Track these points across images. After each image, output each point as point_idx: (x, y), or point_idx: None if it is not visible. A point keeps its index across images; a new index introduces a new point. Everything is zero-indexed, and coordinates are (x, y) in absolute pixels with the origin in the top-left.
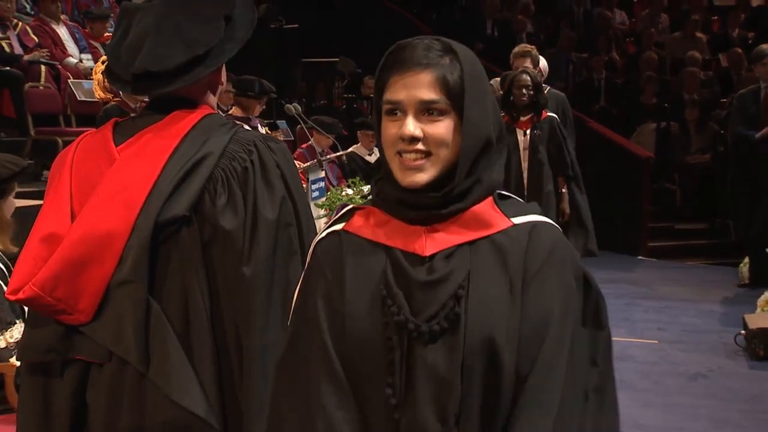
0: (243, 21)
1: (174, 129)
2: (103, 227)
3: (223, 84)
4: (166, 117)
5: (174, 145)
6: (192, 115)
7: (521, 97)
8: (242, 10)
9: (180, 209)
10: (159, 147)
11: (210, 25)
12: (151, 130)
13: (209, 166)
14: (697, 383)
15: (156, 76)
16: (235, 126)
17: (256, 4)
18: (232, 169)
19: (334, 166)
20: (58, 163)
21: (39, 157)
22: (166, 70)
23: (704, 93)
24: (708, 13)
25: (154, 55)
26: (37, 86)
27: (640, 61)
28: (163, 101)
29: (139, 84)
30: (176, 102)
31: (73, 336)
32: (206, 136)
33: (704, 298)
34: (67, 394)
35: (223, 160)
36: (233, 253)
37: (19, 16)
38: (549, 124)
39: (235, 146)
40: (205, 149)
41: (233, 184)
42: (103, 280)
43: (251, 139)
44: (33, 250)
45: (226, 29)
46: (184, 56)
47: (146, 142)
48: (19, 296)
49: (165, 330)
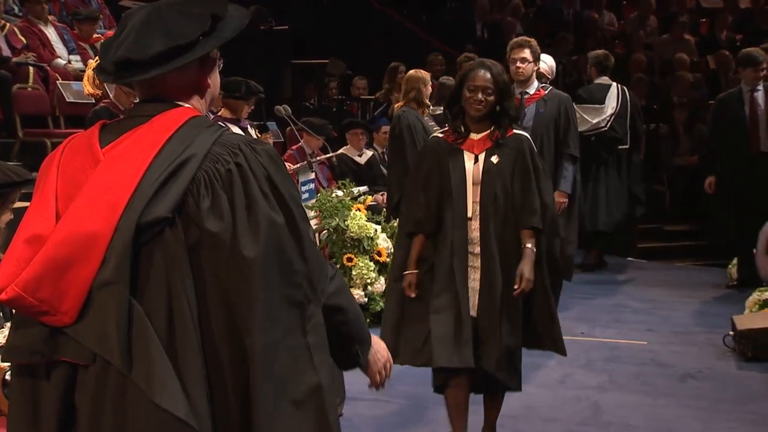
0: (232, 23)
1: (159, 131)
2: (86, 228)
3: (210, 87)
4: (152, 119)
5: (158, 147)
6: (178, 117)
7: (474, 105)
8: (235, 14)
9: (162, 211)
10: (143, 148)
11: (195, 21)
12: (136, 132)
13: (193, 168)
14: (686, 384)
15: (135, 65)
16: (220, 128)
17: (245, 5)
18: (216, 171)
19: (324, 167)
20: (46, 165)
21: (27, 159)
22: (144, 58)
23: (692, 95)
24: (696, 15)
25: (135, 44)
26: (26, 87)
27: (628, 62)
28: (149, 103)
29: (120, 73)
30: (162, 103)
31: (57, 337)
32: (191, 139)
33: (693, 299)
34: (55, 397)
35: (206, 163)
36: (221, 255)
37: (6, 17)
38: (517, 149)
39: (219, 149)
40: (189, 151)
41: (216, 186)
42: (86, 281)
43: (236, 141)
44: (17, 251)
45: (213, 27)
46: (163, 45)
47: (131, 143)
48: (2, 297)
49: (147, 331)
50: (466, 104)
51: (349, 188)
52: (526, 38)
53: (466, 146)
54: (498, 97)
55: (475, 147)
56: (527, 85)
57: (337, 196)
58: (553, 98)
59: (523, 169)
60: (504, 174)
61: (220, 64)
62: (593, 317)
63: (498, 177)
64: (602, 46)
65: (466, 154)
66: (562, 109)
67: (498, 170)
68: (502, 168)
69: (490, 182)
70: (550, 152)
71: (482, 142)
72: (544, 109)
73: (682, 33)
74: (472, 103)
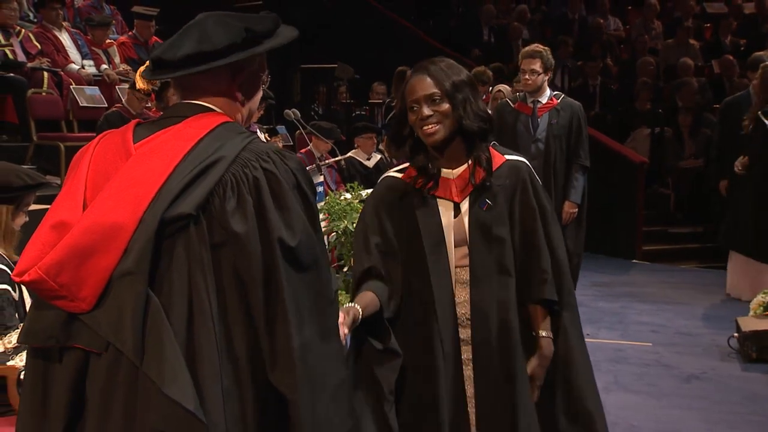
0: (271, 43)
1: (191, 131)
2: (110, 219)
3: (248, 103)
4: (186, 120)
5: (189, 147)
6: (211, 120)
7: (424, 128)
8: (279, 36)
9: (187, 207)
10: (174, 147)
11: (228, 31)
12: (169, 131)
13: (220, 170)
14: (690, 385)
15: (165, 64)
16: (251, 135)
17: (255, 11)
18: (243, 175)
19: (332, 170)
20: (78, 156)
21: (41, 162)
22: (173, 58)
23: (697, 99)
24: (701, 20)
25: (170, 46)
26: (40, 92)
27: (634, 67)
28: (184, 107)
29: (153, 70)
30: (197, 107)
31: (73, 324)
32: (222, 142)
33: (697, 301)
34: (66, 382)
35: (234, 166)
36: (244, 255)
37: (22, 24)
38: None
39: (248, 154)
40: (218, 153)
41: (243, 189)
42: (106, 270)
43: (265, 149)
44: (42, 235)
45: (251, 41)
46: (191, 49)
47: (163, 141)
48: (24, 278)
49: (162, 324)
50: (417, 130)
51: (357, 191)
52: (538, 48)
53: (440, 191)
54: (452, 102)
55: (453, 191)
56: (539, 94)
57: (345, 199)
58: (566, 107)
59: (524, 214)
60: (500, 224)
61: (265, 81)
62: (598, 319)
63: (491, 231)
64: (607, 51)
65: (441, 204)
66: (575, 119)
67: (491, 221)
68: (496, 218)
69: (482, 241)
70: (563, 163)
71: (461, 182)
72: (557, 119)
73: (686, 38)
74: (421, 125)
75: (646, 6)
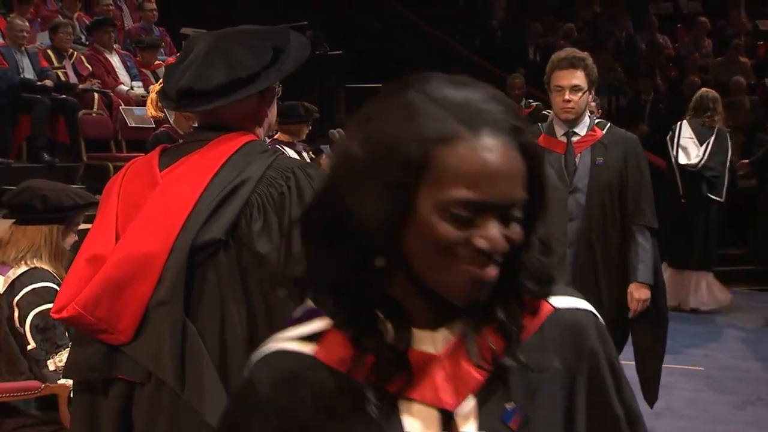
0: (294, 56)
1: (215, 154)
2: (143, 249)
3: (268, 117)
4: (210, 143)
5: (214, 170)
6: (234, 142)
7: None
8: (296, 47)
9: (216, 233)
10: (200, 172)
11: (257, 53)
12: (193, 156)
13: (247, 192)
14: (745, 412)
15: (198, 94)
16: (275, 153)
17: (301, 31)
18: (269, 195)
19: None
20: (109, 187)
21: (91, 182)
22: (207, 88)
23: (749, 118)
24: (753, 38)
25: (198, 75)
26: (90, 113)
27: (683, 85)
28: (208, 128)
29: (182, 101)
30: (221, 129)
31: (114, 355)
32: (246, 162)
33: (751, 323)
34: (113, 413)
35: (260, 186)
36: (268, 275)
37: (74, 46)
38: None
39: (273, 173)
40: (244, 175)
41: (269, 209)
42: (142, 300)
43: (290, 165)
44: (78, 270)
45: (275, 60)
46: (226, 77)
47: (188, 167)
48: (63, 315)
49: (200, 351)
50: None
51: None
52: (576, 53)
53: (418, 393)
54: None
55: (440, 387)
56: (576, 122)
57: None
58: (616, 142)
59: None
60: None
61: (278, 92)
62: None
63: None
64: (657, 69)
65: (412, 414)
66: (631, 158)
67: None
68: None
69: None
70: (616, 227)
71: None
72: (604, 158)
73: (737, 55)
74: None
75: (696, 24)
